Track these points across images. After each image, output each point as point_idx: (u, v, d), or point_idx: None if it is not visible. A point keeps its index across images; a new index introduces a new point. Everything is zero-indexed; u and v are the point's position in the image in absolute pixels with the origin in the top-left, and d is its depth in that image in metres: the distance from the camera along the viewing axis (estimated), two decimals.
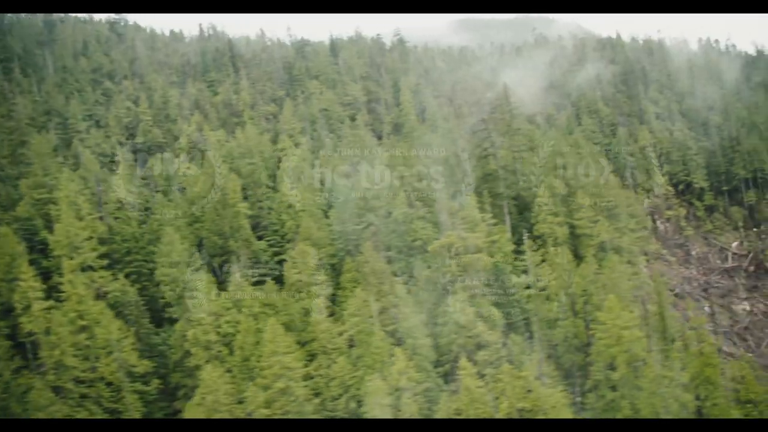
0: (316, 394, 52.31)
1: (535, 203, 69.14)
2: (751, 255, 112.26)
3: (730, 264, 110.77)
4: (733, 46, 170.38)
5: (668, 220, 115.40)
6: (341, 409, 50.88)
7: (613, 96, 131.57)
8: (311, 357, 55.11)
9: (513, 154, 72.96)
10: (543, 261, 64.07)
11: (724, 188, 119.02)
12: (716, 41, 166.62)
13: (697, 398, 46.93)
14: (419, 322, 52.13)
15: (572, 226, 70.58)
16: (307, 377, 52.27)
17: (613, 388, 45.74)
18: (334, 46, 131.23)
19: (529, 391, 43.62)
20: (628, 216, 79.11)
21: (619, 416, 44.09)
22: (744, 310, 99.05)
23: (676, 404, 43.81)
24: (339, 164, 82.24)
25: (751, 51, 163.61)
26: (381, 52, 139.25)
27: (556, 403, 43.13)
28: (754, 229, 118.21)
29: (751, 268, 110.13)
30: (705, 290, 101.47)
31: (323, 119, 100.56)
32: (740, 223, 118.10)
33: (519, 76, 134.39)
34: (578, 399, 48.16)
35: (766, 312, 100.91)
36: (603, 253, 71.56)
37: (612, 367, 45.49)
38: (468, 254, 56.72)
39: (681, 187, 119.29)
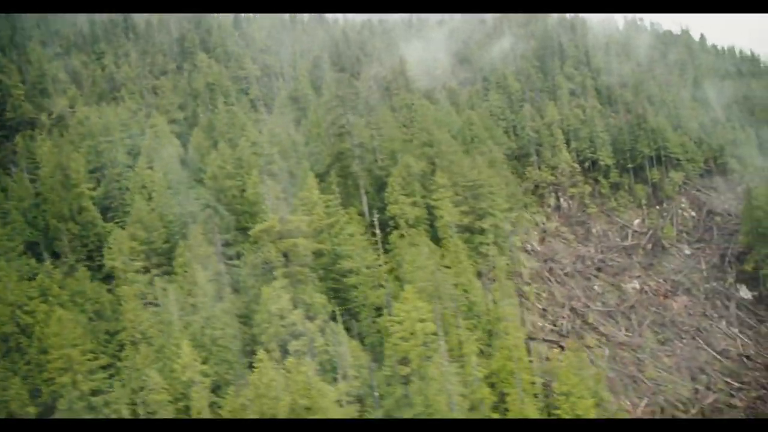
0: (123, 386, 49.89)
1: (388, 183, 66.68)
2: (650, 233, 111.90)
3: (629, 242, 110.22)
4: (658, 24, 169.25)
5: (572, 197, 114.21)
6: (140, 403, 48.35)
7: (525, 71, 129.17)
8: (120, 347, 52.61)
9: (371, 131, 70.21)
10: (385, 244, 61.90)
11: (629, 166, 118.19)
12: (641, 19, 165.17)
13: (502, 394, 45.13)
14: (221, 312, 49.59)
15: (432, 208, 68.34)
16: (110, 368, 49.85)
17: (408, 383, 43.80)
18: (238, 19, 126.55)
19: (310, 387, 41.48)
20: (499, 197, 77.05)
21: (411, 413, 42.14)
22: (634, 288, 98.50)
23: (467, 401, 42.09)
24: (202, 141, 78.93)
25: (676, 30, 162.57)
26: (293, 26, 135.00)
27: (334, 401, 41.09)
28: (657, 207, 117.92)
29: (649, 246, 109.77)
30: (599, 269, 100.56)
31: (208, 94, 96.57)
32: (644, 201, 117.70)
33: (432, 50, 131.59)
34: (376, 393, 46.22)
35: (656, 290, 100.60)
36: (461, 236, 69.85)
37: (406, 362, 43.46)
38: (291, 238, 54.12)
39: (587, 164, 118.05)
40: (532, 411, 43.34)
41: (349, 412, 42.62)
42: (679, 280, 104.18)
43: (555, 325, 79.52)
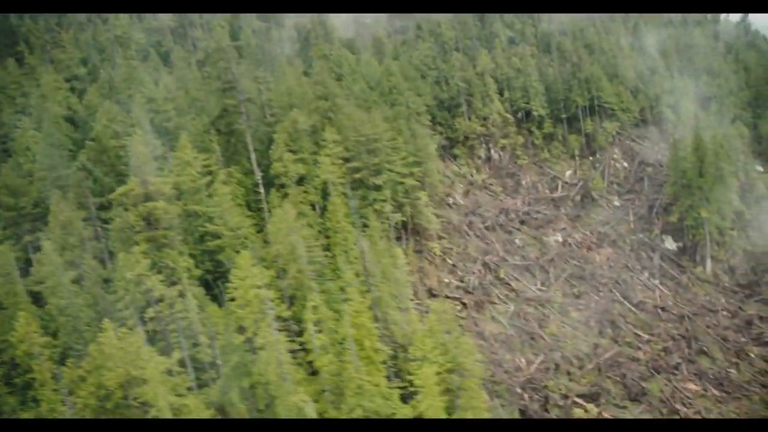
0: None
1: (274, 139, 64.36)
2: (580, 184, 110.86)
3: (558, 193, 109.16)
4: None
5: (503, 148, 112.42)
6: None
7: (462, 19, 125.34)
8: None
9: (258, 85, 67.45)
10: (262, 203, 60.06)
11: (563, 116, 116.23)
12: None
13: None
14: (69, 280, 47.83)
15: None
16: None
17: (252, 352, 42.61)
18: None
19: (139, 357, 40.17)
20: (404, 150, 75.14)
21: (248, 381, 41.11)
22: (556, 241, 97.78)
23: (300, 371, 41.19)
24: (95, 99, 75.79)
25: None
26: None
27: (163, 371, 39.93)
28: (590, 158, 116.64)
29: (578, 198, 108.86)
30: (522, 221, 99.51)
31: (116, 47, 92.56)
32: (577, 152, 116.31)
33: None
34: (219, 362, 45.13)
35: (580, 242, 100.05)
36: (355, 192, 68.19)
37: (242, 330, 42.17)
38: (152, 201, 52.08)
39: (520, 114, 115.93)
40: (377, 379, 42.48)
41: (180, 381, 41.49)
42: (606, 231, 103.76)
43: (462, 282, 78.68)
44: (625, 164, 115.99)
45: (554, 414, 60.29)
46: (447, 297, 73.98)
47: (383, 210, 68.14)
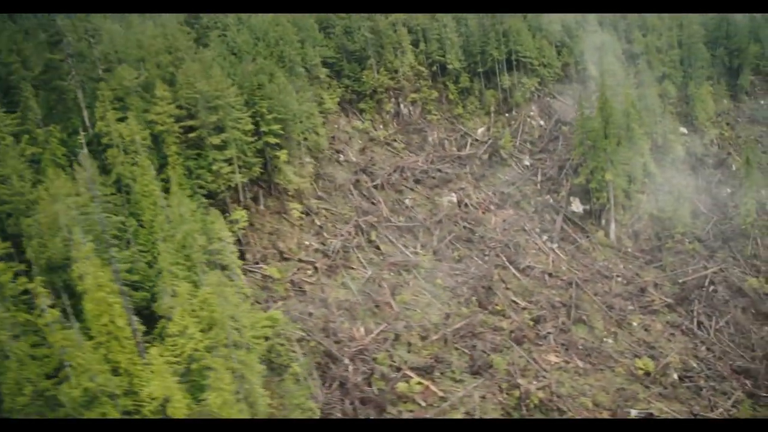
0: None
1: (98, 97, 60.98)
2: (489, 142, 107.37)
3: (466, 151, 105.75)
4: None
5: (413, 103, 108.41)
6: None
7: None
8: None
9: (89, 38, 63.59)
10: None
11: (480, 70, 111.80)
12: None
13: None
14: None
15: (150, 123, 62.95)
16: None
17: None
18: None
19: None
20: (262, 107, 71.76)
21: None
22: (450, 202, 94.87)
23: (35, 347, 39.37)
24: None
25: None
26: None
27: None
28: (506, 115, 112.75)
29: (486, 156, 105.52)
30: (417, 181, 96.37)
31: None
32: (493, 108, 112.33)
33: None
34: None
35: (478, 203, 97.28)
36: (191, 152, 65.33)
37: None
38: None
39: (435, 68, 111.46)
40: (120, 356, 40.53)
41: None
42: (510, 192, 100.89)
43: (324, 245, 76.17)
44: (542, 122, 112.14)
45: (375, 388, 58.46)
46: (300, 261, 71.69)
47: (221, 171, 65.26)
